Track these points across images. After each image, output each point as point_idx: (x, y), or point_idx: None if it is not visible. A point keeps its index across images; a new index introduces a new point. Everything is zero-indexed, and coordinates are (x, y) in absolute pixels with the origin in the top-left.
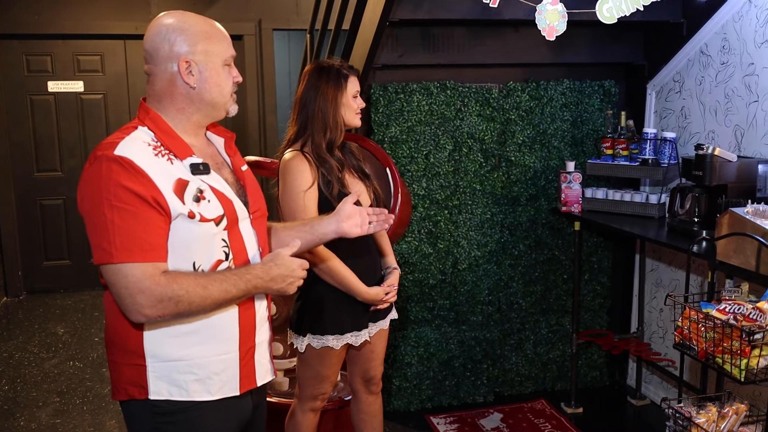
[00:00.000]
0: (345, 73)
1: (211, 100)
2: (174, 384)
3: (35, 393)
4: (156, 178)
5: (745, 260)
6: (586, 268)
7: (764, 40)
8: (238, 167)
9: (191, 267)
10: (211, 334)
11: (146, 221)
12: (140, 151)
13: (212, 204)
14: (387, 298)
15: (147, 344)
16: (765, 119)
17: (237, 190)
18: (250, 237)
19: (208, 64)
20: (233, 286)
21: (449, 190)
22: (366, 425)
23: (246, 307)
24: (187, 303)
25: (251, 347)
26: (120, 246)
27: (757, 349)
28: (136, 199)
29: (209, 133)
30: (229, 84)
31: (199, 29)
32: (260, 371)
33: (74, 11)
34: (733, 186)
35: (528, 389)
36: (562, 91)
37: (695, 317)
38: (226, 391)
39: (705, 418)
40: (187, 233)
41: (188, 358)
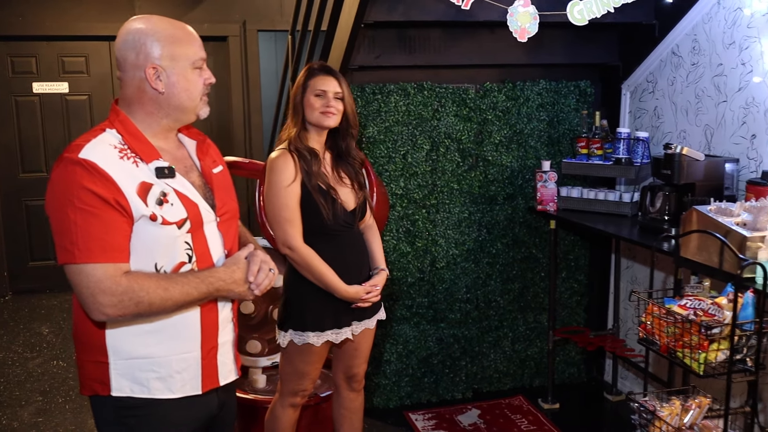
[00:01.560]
0: (310, 71)
1: (179, 105)
2: (136, 381)
3: (18, 392)
4: (119, 181)
5: (708, 257)
6: (563, 266)
7: (732, 41)
8: (208, 170)
9: (153, 268)
10: (172, 334)
11: (108, 223)
12: (105, 154)
13: (175, 207)
14: (367, 297)
15: (109, 342)
16: (733, 119)
17: (204, 193)
18: (215, 240)
19: (175, 69)
20: (194, 289)
21: (427, 189)
22: (345, 420)
23: (209, 308)
24: (147, 304)
25: (214, 347)
26: (82, 247)
27: (715, 343)
28: (98, 201)
29: (181, 136)
30: (198, 87)
31: (165, 34)
32: (223, 371)
33: (59, 13)
34: (701, 184)
35: (506, 386)
36: (538, 91)
37: (658, 313)
38: (188, 390)
39: (668, 412)
40: (149, 235)
41: (150, 356)
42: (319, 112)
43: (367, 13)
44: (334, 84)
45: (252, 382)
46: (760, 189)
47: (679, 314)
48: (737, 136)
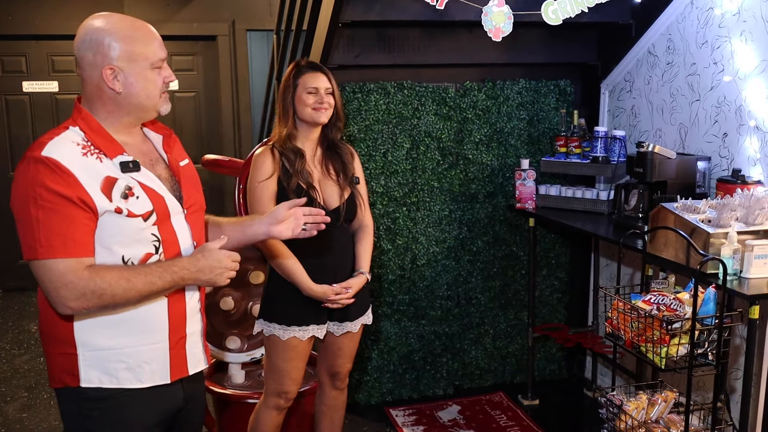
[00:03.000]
0: (300, 69)
1: (138, 104)
2: (105, 372)
3: (4, 388)
4: (82, 178)
5: (674, 253)
6: (544, 264)
7: (704, 41)
8: (175, 163)
9: (120, 261)
10: (140, 325)
11: (70, 219)
12: (68, 152)
13: (141, 200)
14: (336, 298)
15: (77, 334)
16: (705, 118)
17: (171, 185)
18: (183, 231)
19: (133, 69)
20: (158, 278)
21: (407, 187)
22: (325, 417)
23: (176, 298)
24: (110, 296)
25: (182, 337)
26: (44, 242)
27: (676, 337)
28: (60, 198)
29: (147, 130)
30: (157, 87)
31: (123, 34)
32: (192, 360)
33: (48, 12)
34: (673, 182)
35: (488, 382)
36: (518, 90)
37: (622, 308)
38: (157, 380)
39: (634, 406)
40: (115, 228)
41: (118, 347)
42: (311, 108)
43: (344, 13)
44: (324, 80)
45: (231, 378)
46: (729, 186)
47: (642, 309)
48: (710, 135)
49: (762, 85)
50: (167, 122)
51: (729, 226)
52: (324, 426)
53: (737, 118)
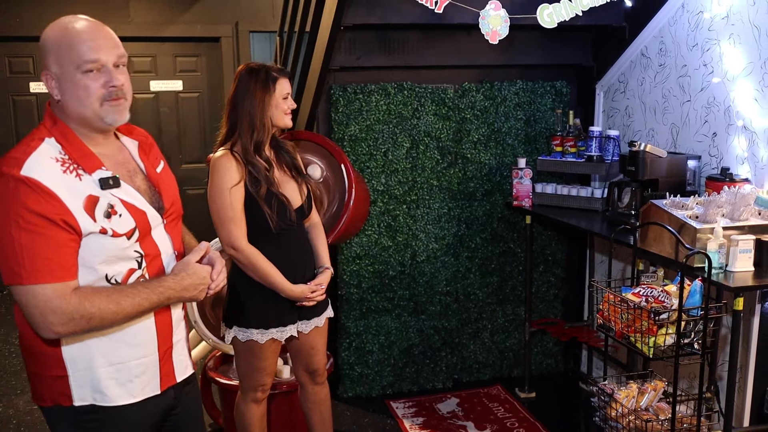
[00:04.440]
0: (274, 75)
1: (76, 113)
2: (97, 390)
3: (14, 381)
4: (65, 198)
5: (663, 248)
6: (540, 260)
7: (695, 43)
8: (152, 171)
9: (104, 279)
10: (129, 341)
11: (54, 242)
12: (48, 169)
13: (123, 218)
14: (313, 296)
15: (66, 355)
16: (696, 118)
17: (150, 196)
18: (164, 242)
19: (63, 74)
20: (146, 300)
21: (407, 185)
22: (314, 412)
23: (162, 312)
24: (99, 319)
25: (169, 347)
26: (29, 268)
27: (663, 328)
28: (43, 221)
29: (123, 137)
30: (90, 93)
31: (53, 38)
32: (179, 368)
33: (55, 14)
34: (664, 180)
35: (486, 376)
36: (515, 91)
37: (613, 300)
38: (148, 392)
39: (625, 395)
40: (98, 248)
41: (108, 364)
42: (285, 114)
43: (346, 16)
44: (289, 84)
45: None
46: (717, 184)
47: (631, 301)
48: (700, 134)
49: (749, 86)
50: (170, 123)
51: (715, 222)
52: (316, 420)
53: (726, 118)
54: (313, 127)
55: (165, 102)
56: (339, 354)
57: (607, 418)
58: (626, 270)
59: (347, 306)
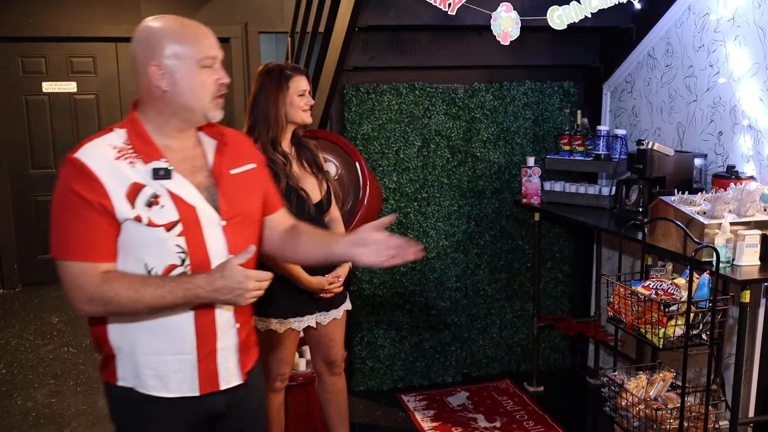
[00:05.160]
0: (288, 73)
1: (184, 104)
2: (136, 376)
3: (31, 375)
4: (107, 183)
5: (671, 243)
6: (548, 257)
7: (701, 44)
8: (221, 170)
9: (143, 269)
10: (166, 334)
11: (89, 223)
12: (100, 155)
13: (165, 209)
14: (331, 287)
15: (111, 336)
16: (702, 117)
17: (210, 195)
18: (217, 243)
19: (180, 67)
20: (169, 293)
21: (418, 183)
22: (331, 403)
23: (203, 312)
24: (116, 304)
25: (212, 351)
26: (63, 244)
27: (673, 319)
28: (81, 201)
29: (202, 135)
30: (206, 87)
31: (171, 32)
32: (224, 375)
33: (67, 15)
34: (672, 178)
35: (494, 370)
36: (524, 91)
37: (624, 293)
38: (186, 391)
39: (634, 385)
40: (136, 236)
41: (147, 354)
42: (302, 111)
43: (361, 18)
44: (307, 82)
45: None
46: (723, 182)
47: (642, 294)
48: (706, 133)
49: (755, 86)
50: None
51: (722, 218)
52: (332, 411)
53: (731, 117)
54: (327, 126)
55: None
56: (351, 348)
57: (617, 408)
58: (634, 265)
59: (359, 301)
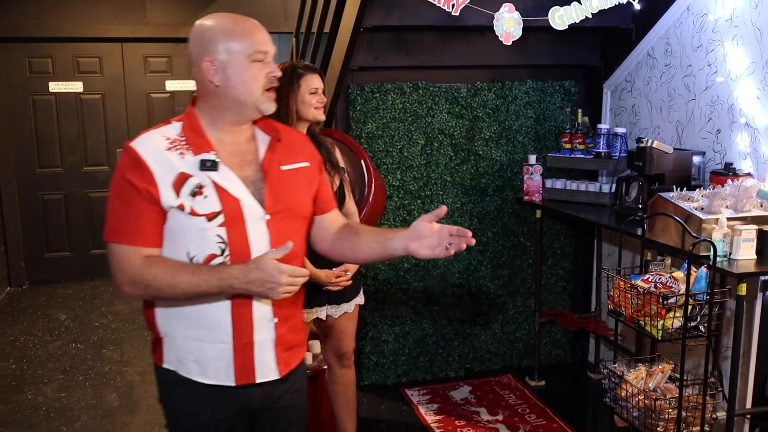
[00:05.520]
0: (300, 71)
1: (237, 98)
2: (178, 360)
3: (41, 371)
4: (156, 171)
5: (670, 238)
6: (549, 254)
7: (699, 44)
8: (270, 165)
9: (186, 256)
10: (204, 322)
11: (137, 209)
12: (151, 145)
13: (209, 200)
14: (338, 281)
15: (158, 319)
16: (701, 116)
17: (256, 189)
18: (259, 236)
19: (231, 62)
20: (204, 282)
21: (422, 181)
22: (340, 395)
23: (240, 303)
24: (155, 288)
25: (248, 343)
26: (112, 227)
27: (671, 311)
28: (131, 188)
29: (257, 130)
30: (257, 81)
31: (221, 28)
32: (261, 369)
33: (74, 15)
34: (671, 175)
35: (497, 365)
36: (525, 90)
37: (623, 287)
38: (222, 379)
39: (634, 376)
40: (179, 224)
41: (189, 339)
42: (314, 108)
43: (366, 18)
44: (320, 80)
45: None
46: (721, 178)
47: (641, 287)
48: (704, 131)
49: (752, 85)
50: None
51: (720, 213)
52: (341, 402)
53: (729, 115)
54: (332, 124)
55: (180, 101)
56: (356, 343)
57: (617, 399)
58: (634, 260)
59: (364, 297)
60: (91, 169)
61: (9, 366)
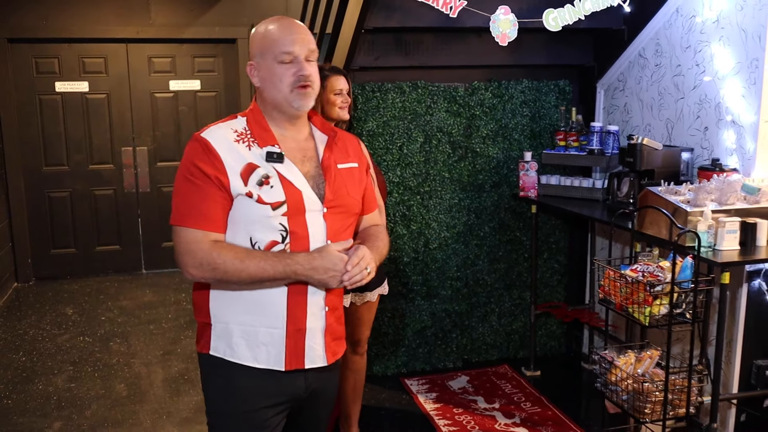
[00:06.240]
0: (325, 73)
1: (271, 98)
2: (228, 345)
3: (50, 363)
4: (226, 160)
5: (659, 230)
6: (545, 248)
7: (688, 45)
8: (329, 163)
9: (248, 242)
10: (259, 306)
11: (205, 194)
12: (222, 136)
13: (275, 189)
14: None
15: (212, 305)
16: (689, 114)
17: (316, 183)
18: (317, 227)
19: (263, 64)
20: (270, 267)
21: (421, 177)
22: (348, 380)
23: (296, 290)
24: (222, 271)
25: (300, 329)
26: (181, 211)
27: (658, 299)
28: (202, 175)
29: (315, 129)
30: (285, 80)
31: (261, 34)
32: (310, 355)
33: (80, 16)
34: (660, 171)
35: (493, 356)
36: (521, 89)
37: (613, 276)
38: (273, 363)
39: (623, 362)
40: (246, 210)
41: (242, 324)
42: (338, 108)
43: (367, 20)
44: (345, 82)
45: None
46: (708, 174)
47: (629, 276)
48: (693, 129)
49: (738, 84)
50: (189, 121)
51: (705, 206)
52: (349, 387)
53: (716, 113)
54: None
55: (183, 101)
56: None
57: (607, 383)
58: (625, 251)
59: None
60: (96, 167)
61: (19, 358)
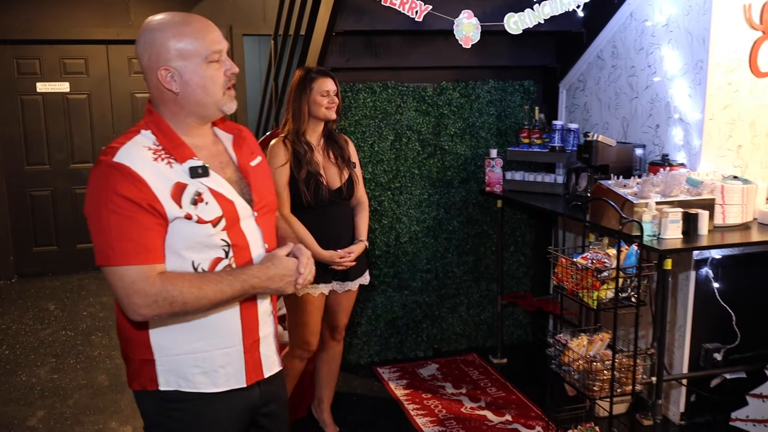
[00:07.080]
0: (312, 75)
1: (198, 102)
2: (182, 377)
3: (33, 355)
4: (153, 184)
5: (609, 221)
6: (511, 241)
7: (641, 47)
8: (245, 163)
9: (190, 266)
10: (213, 330)
11: (141, 225)
12: (139, 157)
13: (210, 206)
14: (340, 261)
15: (153, 339)
16: (642, 112)
17: (240, 188)
18: (254, 235)
19: (187, 67)
20: (228, 286)
21: (391, 174)
22: (325, 365)
23: (248, 304)
24: (181, 303)
25: (255, 341)
26: (117, 249)
27: (605, 284)
28: (131, 204)
29: (217, 130)
30: (216, 82)
31: (173, 32)
32: (266, 363)
33: (61, 18)
34: (614, 166)
35: (462, 345)
36: (488, 89)
37: (565, 264)
38: (233, 384)
39: (576, 344)
40: (184, 234)
41: (193, 352)
42: (325, 108)
43: (338, 23)
44: (332, 83)
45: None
46: (657, 168)
47: (579, 264)
48: (645, 126)
49: (684, 84)
50: None
51: (649, 198)
52: (324, 372)
53: (666, 112)
54: None
55: None
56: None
57: (561, 364)
58: (577, 241)
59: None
60: (77, 166)
61: (2, 351)
